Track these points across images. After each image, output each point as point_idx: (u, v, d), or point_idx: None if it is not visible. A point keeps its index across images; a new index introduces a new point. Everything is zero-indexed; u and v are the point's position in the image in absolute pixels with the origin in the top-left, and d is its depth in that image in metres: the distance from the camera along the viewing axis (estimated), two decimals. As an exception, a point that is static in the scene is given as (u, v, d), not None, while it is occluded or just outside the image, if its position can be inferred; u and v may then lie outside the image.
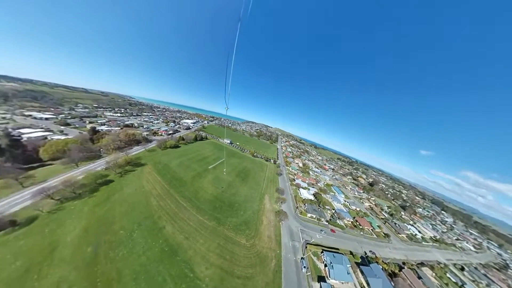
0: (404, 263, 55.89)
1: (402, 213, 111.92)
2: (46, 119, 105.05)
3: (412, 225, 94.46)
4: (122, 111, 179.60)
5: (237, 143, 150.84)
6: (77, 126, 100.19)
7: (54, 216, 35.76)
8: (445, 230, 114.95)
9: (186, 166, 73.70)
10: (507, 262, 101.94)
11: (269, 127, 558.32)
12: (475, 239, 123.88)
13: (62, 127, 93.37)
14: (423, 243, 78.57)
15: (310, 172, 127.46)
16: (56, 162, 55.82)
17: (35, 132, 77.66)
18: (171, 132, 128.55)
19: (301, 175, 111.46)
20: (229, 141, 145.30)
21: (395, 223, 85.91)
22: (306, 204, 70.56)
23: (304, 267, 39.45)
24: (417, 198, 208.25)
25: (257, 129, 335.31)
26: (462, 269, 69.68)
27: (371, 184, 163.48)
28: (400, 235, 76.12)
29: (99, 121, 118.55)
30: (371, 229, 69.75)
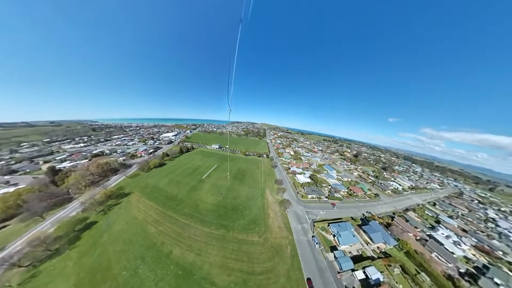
0: (394, 213, 65.61)
1: (384, 173, 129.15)
2: None
3: (394, 181, 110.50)
4: (86, 140, 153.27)
5: (227, 146, 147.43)
6: (27, 170, 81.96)
7: (29, 285, 29.45)
8: (417, 178, 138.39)
9: (178, 182, 69.06)
10: (461, 190, 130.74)
11: (255, 123, 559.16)
12: (438, 179, 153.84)
13: (6, 177, 75.15)
14: (404, 193, 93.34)
15: (302, 158, 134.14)
16: (11, 221, 45.21)
17: (-32, 192, 60.69)
18: (152, 150, 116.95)
19: (294, 162, 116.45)
20: (218, 146, 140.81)
21: (381, 183, 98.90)
22: (305, 187, 74.71)
23: (316, 243, 42.56)
24: (393, 158, 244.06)
25: (243, 128, 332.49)
26: (434, 204, 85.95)
27: (355, 156, 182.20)
28: (387, 192, 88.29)
29: (57, 158, 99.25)
30: (364, 194, 78.73)
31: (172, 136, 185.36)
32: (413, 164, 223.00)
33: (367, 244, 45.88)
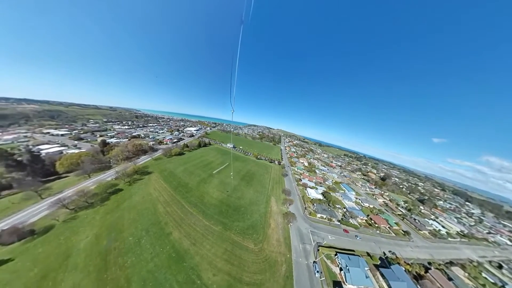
0: (430, 263, 50.86)
1: (421, 207, 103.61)
2: (62, 135, 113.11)
3: (434, 220, 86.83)
4: (130, 124, 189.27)
5: (240, 147, 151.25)
6: (89, 140, 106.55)
7: (68, 224, 37.42)
8: (473, 223, 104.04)
9: (191, 172, 74.59)
10: None
11: (271, 128, 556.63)
12: (510, 231, 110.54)
13: (75, 142, 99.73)
14: (450, 239, 71.51)
15: (317, 171, 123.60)
16: (71, 174, 59.17)
17: (52, 147, 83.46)
18: (175, 140, 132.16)
19: (307, 174, 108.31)
20: (232, 146, 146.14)
21: (415, 219, 79.42)
22: (315, 204, 67.77)
23: (317, 271, 37.11)
24: (436, 190, 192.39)
25: (259, 132, 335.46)
26: (500, 266, 61.78)
27: (383, 179, 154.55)
28: (422, 232, 70.02)
29: (108, 134, 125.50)
30: (388, 227, 65.01)
31: (194, 130, 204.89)
32: (467, 202, 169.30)
33: (384, 293, 36.97)
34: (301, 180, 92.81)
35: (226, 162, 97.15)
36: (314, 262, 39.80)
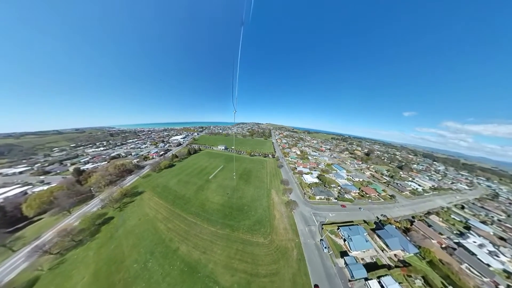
0: (413, 217, 59.56)
1: (401, 172, 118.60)
2: (20, 173, 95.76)
3: (412, 181, 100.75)
4: (105, 144, 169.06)
5: (232, 147, 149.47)
6: (58, 171, 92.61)
7: (57, 271, 33.07)
8: (440, 178, 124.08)
9: (186, 182, 71.69)
10: (496, 191, 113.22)
11: (260, 124, 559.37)
12: (466, 178, 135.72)
13: (41, 177, 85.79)
14: (425, 194, 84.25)
15: (309, 157, 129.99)
16: (45, 215, 51.24)
17: (11, 189, 70.61)
18: (162, 152, 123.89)
19: (301, 162, 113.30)
20: (224, 147, 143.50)
21: (397, 183, 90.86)
22: (312, 188, 71.99)
23: (325, 247, 40.37)
24: (410, 156, 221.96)
25: (248, 129, 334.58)
26: (463, 207, 75.87)
27: (367, 154, 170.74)
28: (404, 193, 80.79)
29: (81, 161, 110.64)
30: (377, 195, 73.11)
31: (181, 138, 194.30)
32: (434, 162, 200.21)
33: (382, 250, 42.22)
34: (296, 168, 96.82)
35: (221, 165, 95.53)
36: (321, 240, 43.10)
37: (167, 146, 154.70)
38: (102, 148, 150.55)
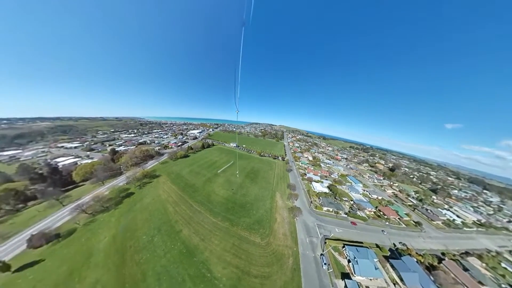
0: (443, 254, 49.28)
1: (434, 197, 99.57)
2: (75, 147, 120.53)
3: (448, 210, 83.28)
4: (135, 132, 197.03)
5: (243, 145, 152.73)
6: (99, 150, 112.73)
7: (88, 227, 40.66)
8: (491, 212, 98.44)
9: (197, 173, 76.93)
10: None
11: (273, 125, 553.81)
12: None
13: (88, 153, 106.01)
14: (465, 229, 68.50)
15: (322, 165, 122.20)
16: (87, 182, 63.41)
17: (67, 159, 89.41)
18: (180, 143, 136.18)
19: (312, 168, 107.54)
20: (235, 145, 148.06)
21: (427, 209, 76.71)
22: (320, 197, 67.57)
23: (325, 263, 37.36)
24: (450, 178, 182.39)
25: (261, 129, 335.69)
26: None
27: (391, 169, 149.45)
28: (435, 222, 67.62)
29: (117, 143, 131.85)
30: (398, 218, 63.49)
31: (197, 133, 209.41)
32: (484, 191, 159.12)
33: (394, 284, 36.45)
34: (305, 174, 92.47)
35: (230, 161, 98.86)
36: (321, 254, 40.07)
37: (184, 138, 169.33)
38: (133, 135, 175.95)
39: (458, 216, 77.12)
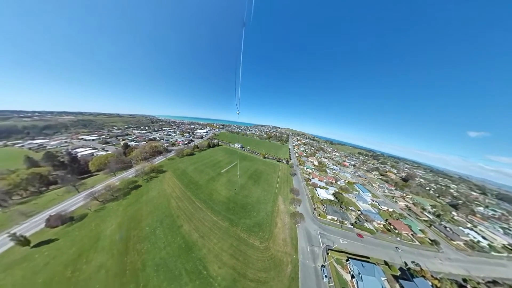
0: (465, 280, 43.75)
1: (454, 213, 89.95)
2: (93, 140, 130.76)
3: (472, 229, 74.30)
4: (146, 128, 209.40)
5: (248, 147, 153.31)
6: (114, 143, 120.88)
7: (98, 214, 43.40)
8: None
9: (201, 171, 78.53)
10: None
11: (279, 128, 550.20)
12: None
13: (103, 145, 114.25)
14: (493, 253, 60.38)
15: (328, 170, 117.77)
16: (100, 172, 67.98)
17: (86, 150, 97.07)
18: (186, 142, 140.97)
19: (317, 174, 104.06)
20: (240, 146, 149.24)
21: (445, 227, 69.33)
22: (325, 205, 64.71)
23: (326, 276, 35.15)
24: (473, 193, 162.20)
25: (266, 131, 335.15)
26: None
27: (405, 179, 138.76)
28: (455, 242, 60.66)
29: (129, 138, 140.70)
30: (411, 234, 58.21)
31: (204, 132, 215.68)
32: None
33: (404, 306, 33.02)
34: (310, 179, 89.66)
35: (234, 162, 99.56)
36: (322, 266, 37.87)
37: (191, 137, 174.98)
38: (144, 131, 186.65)
39: (484, 238, 68.39)
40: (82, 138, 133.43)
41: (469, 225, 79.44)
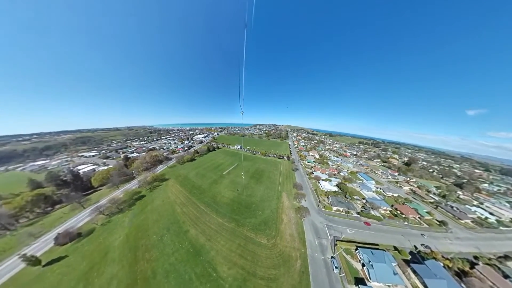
0: (476, 258, 43.62)
1: (459, 192, 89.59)
2: (93, 156, 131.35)
3: (478, 207, 74.01)
4: (145, 139, 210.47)
5: (248, 147, 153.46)
6: (114, 157, 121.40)
7: (105, 227, 43.82)
8: None
9: (203, 175, 78.77)
10: None
11: (277, 125, 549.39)
12: None
13: (104, 160, 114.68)
14: (502, 228, 60.19)
15: (329, 162, 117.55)
16: (104, 187, 68.36)
17: (87, 167, 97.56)
18: (186, 148, 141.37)
19: (319, 167, 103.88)
20: (239, 147, 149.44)
21: (452, 207, 69.14)
22: (329, 196, 64.71)
23: (336, 267, 35.09)
24: (477, 171, 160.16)
25: (265, 130, 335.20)
26: None
27: (407, 164, 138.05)
28: (463, 221, 60.50)
29: (129, 150, 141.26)
30: (418, 217, 58.12)
31: (202, 137, 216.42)
32: None
33: (417, 290, 32.94)
34: (312, 173, 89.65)
35: (235, 163, 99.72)
36: (332, 257, 37.88)
37: (191, 143, 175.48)
38: (143, 142, 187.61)
39: (491, 214, 68.25)
40: (83, 155, 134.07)
41: (475, 202, 79.15)
